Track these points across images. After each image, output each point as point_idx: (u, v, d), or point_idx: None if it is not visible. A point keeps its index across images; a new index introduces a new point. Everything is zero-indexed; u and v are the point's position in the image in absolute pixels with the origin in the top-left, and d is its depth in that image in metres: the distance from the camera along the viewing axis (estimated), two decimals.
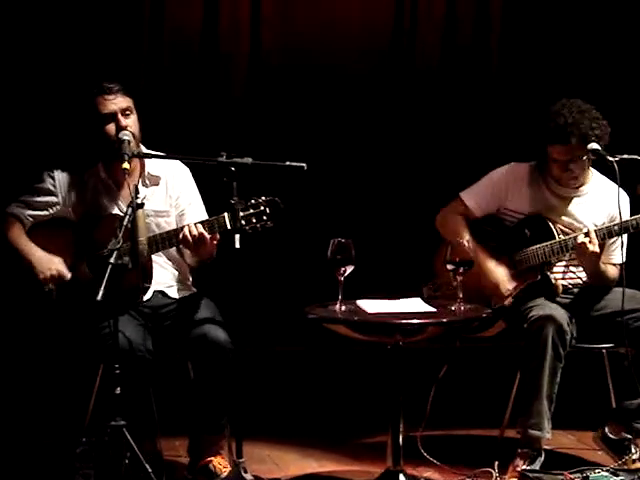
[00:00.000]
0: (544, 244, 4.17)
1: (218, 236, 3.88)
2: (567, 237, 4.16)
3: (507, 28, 5.81)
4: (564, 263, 4.26)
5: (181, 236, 3.85)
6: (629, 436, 4.14)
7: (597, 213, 4.23)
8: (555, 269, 4.23)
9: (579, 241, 4.07)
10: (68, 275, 3.96)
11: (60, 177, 4.07)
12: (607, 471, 3.70)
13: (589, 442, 4.34)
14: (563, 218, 4.23)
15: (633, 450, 4.06)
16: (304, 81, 5.62)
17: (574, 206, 4.24)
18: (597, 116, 4.11)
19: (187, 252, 4.06)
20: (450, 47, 5.79)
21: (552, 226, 4.19)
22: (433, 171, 5.72)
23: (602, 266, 4.19)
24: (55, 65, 5.22)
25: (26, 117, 5.18)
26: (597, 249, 4.06)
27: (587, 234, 4.07)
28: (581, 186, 4.25)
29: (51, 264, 3.96)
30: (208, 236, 3.84)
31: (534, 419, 4.00)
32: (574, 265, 4.26)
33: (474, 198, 4.29)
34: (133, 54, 5.41)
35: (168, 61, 5.52)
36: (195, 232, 3.83)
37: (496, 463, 3.99)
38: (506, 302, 4.16)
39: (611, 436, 4.22)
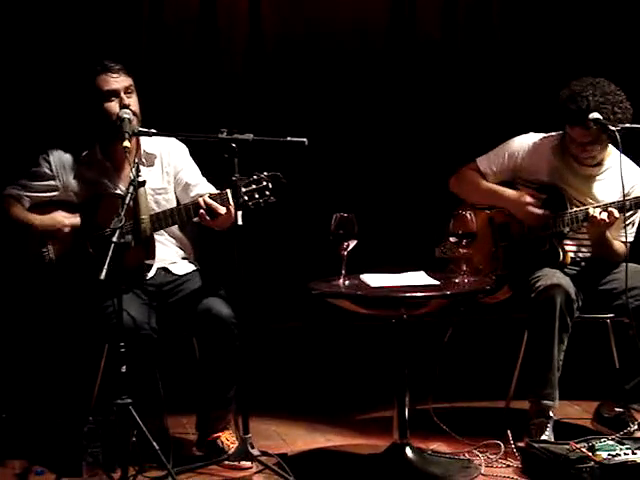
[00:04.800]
0: (556, 214, 4.17)
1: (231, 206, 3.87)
2: (579, 209, 4.15)
3: None
4: (578, 235, 4.25)
5: (199, 213, 3.86)
6: (622, 410, 4.17)
7: (614, 191, 4.18)
8: (569, 240, 4.24)
9: (591, 213, 4.07)
10: (77, 220, 3.98)
11: (56, 160, 4.07)
12: (613, 440, 3.70)
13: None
14: (579, 194, 4.22)
15: (631, 423, 4.07)
16: (304, 55, 5.58)
17: (592, 184, 4.23)
18: (621, 99, 4.05)
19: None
20: (451, 17, 5.75)
21: (565, 197, 4.18)
22: (434, 144, 5.68)
23: (609, 238, 4.18)
24: (52, 45, 5.17)
25: (22, 99, 5.15)
26: (606, 218, 4.05)
27: (599, 206, 4.09)
28: (599, 164, 4.22)
29: (55, 222, 3.98)
30: (222, 211, 3.84)
31: (547, 389, 4.03)
32: (587, 239, 4.25)
33: (488, 164, 4.31)
34: (132, 31, 5.38)
35: (167, 38, 5.49)
36: (205, 204, 3.84)
37: (509, 431, 4.01)
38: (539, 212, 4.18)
39: (605, 415, 4.24)
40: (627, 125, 4.01)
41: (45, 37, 5.17)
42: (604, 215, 4.06)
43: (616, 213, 4.06)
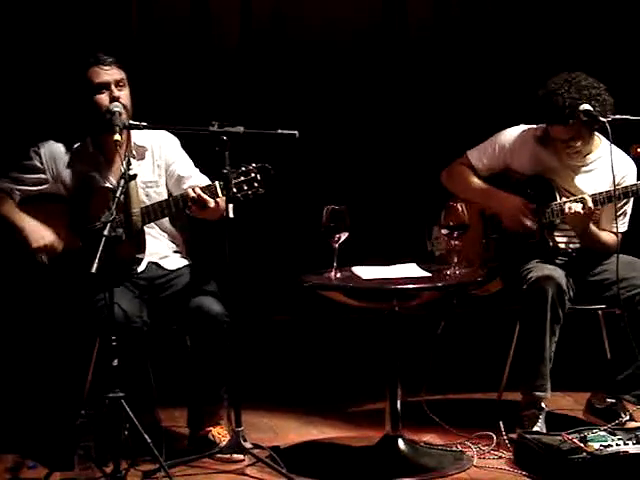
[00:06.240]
0: (544, 206, 4.17)
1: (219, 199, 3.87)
2: (567, 200, 4.15)
3: None
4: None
5: (188, 205, 3.86)
6: (614, 400, 4.18)
7: (603, 182, 4.17)
8: (560, 231, 4.23)
9: (565, 209, 4.07)
10: (60, 247, 3.96)
11: (47, 153, 4.06)
12: (604, 431, 3.70)
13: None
14: (568, 185, 4.21)
15: (622, 414, 4.08)
16: (296, 47, 5.58)
17: (581, 175, 4.22)
18: (598, 92, 4.03)
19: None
20: (443, 8, 5.75)
21: (554, 188, 4.18)
22: (426, 135, 5.69)
23: (594, 231, 4.17)
24: (43, 38, 5.17)
25: (14, 92, 5.13)
26: (581, 210, 4.03)
27: (581, 200, 4.06)
28: (588, 155, 4.22)
29: (44, 234, 3.95)
30: (211, 203, 3.83)
31: (539, 381, 4.03)
32: None
33: (479, 156, 4.31)
34: (122, 23, 5.37)
35: (158, 29, 5.48)
36: (195, 196, 3.83)
37: (500, 423, 4.02)
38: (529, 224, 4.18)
39: (597, 406, 4.25)
40: (618, 116, 4.00)
41: (36, 30, 5.16)
42: (578, 207, 4.05)
43: (590, 203, 4.05)
